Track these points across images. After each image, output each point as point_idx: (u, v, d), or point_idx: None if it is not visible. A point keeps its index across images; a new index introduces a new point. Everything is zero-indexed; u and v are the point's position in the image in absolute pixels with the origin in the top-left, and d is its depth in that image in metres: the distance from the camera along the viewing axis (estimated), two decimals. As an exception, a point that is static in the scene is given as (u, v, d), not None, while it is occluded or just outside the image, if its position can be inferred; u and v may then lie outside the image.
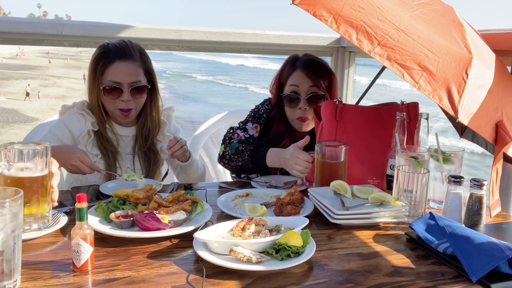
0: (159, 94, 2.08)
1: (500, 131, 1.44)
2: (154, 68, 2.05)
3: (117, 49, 1.91)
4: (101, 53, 1.92)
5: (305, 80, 2.05)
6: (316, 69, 2.09)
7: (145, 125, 2.05)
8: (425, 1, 1.55)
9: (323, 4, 1.39)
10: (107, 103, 1.95)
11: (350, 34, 1.36)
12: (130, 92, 1.91)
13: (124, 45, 1.94)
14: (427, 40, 1.38)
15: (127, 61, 1.91)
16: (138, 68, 1.93)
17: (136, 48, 1.97)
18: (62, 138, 1.92)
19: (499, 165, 1.45)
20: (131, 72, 1.91)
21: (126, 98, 1.90)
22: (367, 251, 1.28)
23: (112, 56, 1.90)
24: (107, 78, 1.90)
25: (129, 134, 2.05)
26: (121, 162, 2.01)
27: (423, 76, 1.32)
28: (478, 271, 1.11)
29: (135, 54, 1.93)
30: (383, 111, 1.89)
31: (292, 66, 2.11)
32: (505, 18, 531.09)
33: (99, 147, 1.96)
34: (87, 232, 1.11)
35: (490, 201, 1.44)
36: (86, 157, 1.72)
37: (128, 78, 1.90)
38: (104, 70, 1.90)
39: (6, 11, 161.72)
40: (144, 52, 2.00)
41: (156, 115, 2.07)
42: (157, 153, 2.09)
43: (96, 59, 1.92)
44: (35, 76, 32.38)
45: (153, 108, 2.05)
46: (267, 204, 1.58)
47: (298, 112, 2.08)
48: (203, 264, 1.14)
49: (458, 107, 1.31)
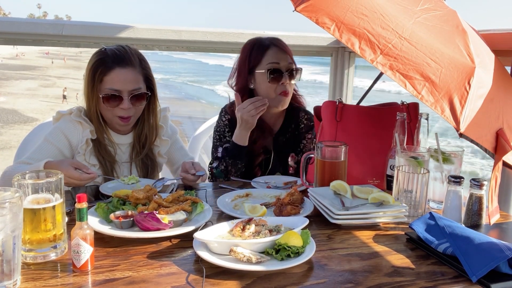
0: (157, 100, 2.03)
1: (500, 140, 1.44)
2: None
3: (116, 55, 1.85)
4: (99, 60, 1.85)
5: (284, 56, 2.08)
6: (287, 47, 2.13)
7: (143, 132, 2.00)
8: (428, 6, 1.53)
9: (325, 11, 1.38)
10: (106, 111, 1.89)
11: (352, 43, 1.35)
12: (130, 100, 1.85)
13: (123, 50, 1.88)
14: (430, 48, 1.37)
15: (126, 68, 1.85)
16: (138, 75, 1.88)
17: (135, 53, 1.91)
18: (59, 146, 1.86)
19: (498, 173, 1.44)
20: (131, 80, 1.85)
21: (126, 106, 1.85)
22: (367, 251, 1.28)
23: (111, 62, 1.83)
24: (106, 86, 1.83)
25: (126, 142, 2.01)
26: (118, 171, 1.97)
27: (426, 86, 1.31)
28: (478, 271, 1.11)
29: (134, 60, 1.88)
30: (383, 111, 1.89)
31: (261, 46, 2.10)
32: (505, 18, 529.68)
33: (97, 156, 1.91)
34: (87, 232, 1.11)
35: (489, 209, 1.44)
36: (74, 172, 1.63)
37: (128, 85, 1.84)
38: (102, 78, 1.83)
39: (6, 12, 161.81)
40: (143, 58, 1.94)
41: (154, 121, 2.02)
42: (154, 159, 2.05)
43: (94, 66, 1.85)
44: (35, 77, 32.37)
45: (151, 114, 2.00)
46: (267, 204, 1.58)
47: (281, 87, 2.07)
48: (203, 264, 1.14)
49: (460, 118, 1.30)
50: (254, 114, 1.95)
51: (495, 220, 1.49)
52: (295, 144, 2.23)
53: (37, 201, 1.16)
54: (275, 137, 2.20)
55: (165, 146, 2.07)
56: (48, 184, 1.17)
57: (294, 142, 2.22)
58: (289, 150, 2.21)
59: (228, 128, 2.17)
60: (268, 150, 2.20)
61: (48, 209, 1.16)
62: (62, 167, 1.63)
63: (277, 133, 2.21)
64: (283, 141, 2.20)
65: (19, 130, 15.49)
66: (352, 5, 1.40)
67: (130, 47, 1.95)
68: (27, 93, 24.39)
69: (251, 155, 2.12)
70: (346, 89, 2.95)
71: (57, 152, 1.86)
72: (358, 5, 1.40)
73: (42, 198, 1.16)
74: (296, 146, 2.22)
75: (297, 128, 2.23)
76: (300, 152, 2.21)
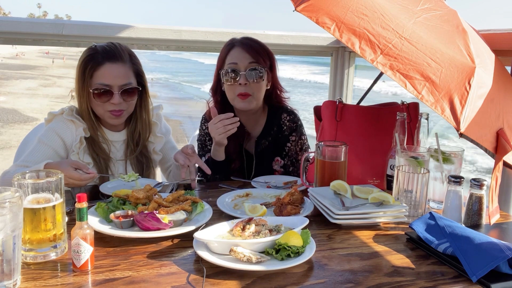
0: (149, 96, 2.02)
1: (501, 140, 1.44)
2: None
3: (106, 51, 1.85)
4: (89, 56, 1.84)
5: (244, 55, 1.98)
6: (254, 47, 2.02)
7: (136, 129, 1.99)
8: (429, 6, 1.53)
9: (326, 11, 1.38)
10: (97, 107, 1.87)
11: (353, 43, 1.35)
12: (121, 95, 1.84)
13: (113, 46, 1.88)
14: (430, 48, 1.37)
15: (117, 63, 1.84)
16: (128, 70, 1.87)
17: (125, 49, 1.91)
18: (54, 146, 1.85)
19: (498, 173, 1.44)
20: (121, 74, 1.84)
21: (117, 101, 1.83)
22: (367, 251, 1.28)
23: (101, 58, 1.83)
24: (97, 81, 1.83)
25: (120, 139, 2.00)
26: (113, 169, 1.96)
27: (426, 86, 1.31)
28: (478, 271, 1.11)
29: (124, 56, 1.87)
30: (383, 111, 1.89)
31: (228, 45, 2.04)
32: (504, 18, 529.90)
33: (91, 154, 1.90)
34: (87, 232, 1.11)
35: (489, 209, 1.44)
36: (74, 172, 1.63)
37: (118, 80, 1.84)
38: (93, 73, 1.82)
39: (6, 11, 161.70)
40: (133, 54, 1.94)
41: (147, 117, 2.01)
42: (149, 157, 2.04)
43: (84, 62, 1.84)
44: (35, 76, 32.36)
45: (143, 111, 2.00)
46: (267, 204, 1.58)
47: (238, 89, 1.98)
48: (203, 264, 1.14)
49: (460, 118, 1.30)
50: (221, 133, 1.87)
51: (495, 220, 1.49)
52: (279, 147, 2.15)
53: (37, 200, 1.16)
54: (257, 140, 2.13)
55: (159, 143, 2.07)
56: (48, 183, 1.17)
57: (278, 146, 2.14)
58: (273, 154, 2.14)
59: (209, 137, 2.09)
60: (250, 155, 2.13)
61: (48, 209, 1.16)
62: (62, 167, 1.62)
63: (259, 137, 2.13)
64: (266, 144, 2.12)
65: (19, 130, 15.46)
66: (352, 5, 1.40)
67: (121, 44, 1.94)
68: (27, 93, 24.37)
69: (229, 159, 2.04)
70: (346, 89, 2.95)
71: (52, 153, 1.84)
72: (359, 5, 1.40)
73: (42, 197, 1.17)
74: (281, 150, 2.15)
75: (279, 130, 2.14)
76: (286, 156, 2.14)
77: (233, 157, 2.07)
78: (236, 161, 2.09)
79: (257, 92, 2.02)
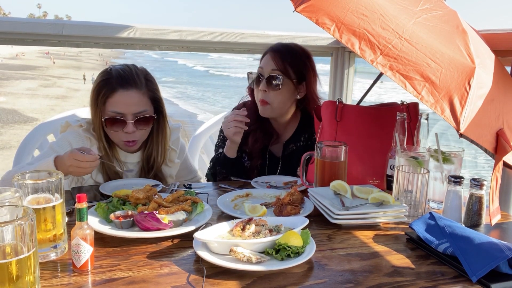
0: (167, 122, 1.95)
1: (501, 140, 1.44)
2: None
3: (120, 76, 1.78)
4: (103, 81, 1.79)
5: (270, 62, 1.99)
6: (284, 55, 2.00)
7: (151, 154, 1.93)
8: (429, 6, 1.53)
9: (325, 11, 1.38)
10: (111, 134, 1.83)
11: (352, 43, 1.35)
12: (134, 123, 1.78)
13: (128, 70, 1.81)
14: (430, 49, 1.37)
15: (130, 90, 1.77)
16: (143, 97, 1.80)
17: (141, 74, 1.84)
18: None
19: (498, 174, 1.44)
20: (135, 102, 1.78)
21: (130, 130, 1.78)
22: (367, 251, 1.28)
23: (115, 84, 1.77)
24: (109, 109, 1.77)
25: (134, 161, 1.95)
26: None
27: (426, 86, 1.31)
28: (478, 271, 1.11)
29: (139, 81, 1.80)
30: (383, 111, 1.89)
31: (266, 49, 2.06)
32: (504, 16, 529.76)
33: (103, 175, 1.87)
34: (87, 232, 1.11)
35: (490, 209, 1.44)
36: (79, 153, 1.58)
37: (132, 108, 1.77)
38: (106, 100, 1.77)
39: (6, 11, 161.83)
40: (150, 78, 1.87)
41: (163, 143, 1.94)
42: (163, 178, 1.98)
43: (98, 87, 1.79)
44: (35, 76, 32.39)
45: (160, 136, 1.92)
46: (267, 204, 1.58)
47: (260, 94, 2.00)
48: (203, 264, 1.14)
49: (460, 119, 1.29)
50: (231, 127, 1.87)
51: (496, 221, 1.49)
52: None
53: (37, 201, 1.16)
54: (285, 144, 2.12)
55: (175, 168, 2.04)
56: (48, 184, 1.17)
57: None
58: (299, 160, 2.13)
59: None
60: (275, 157, 2.13)
61: (48, 209, 1.16)
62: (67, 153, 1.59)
63: (287, 141, 2.12)
64: (294, 149, 2.11)
65: (19, 130, 15.48)
66: (352, 6, 1.40)
67: (138, 67, 1.88)
68: (27, 93, 24.39)
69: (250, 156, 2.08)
70: (346, 89, 2.95)
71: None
72: (358, 6, 1.40)
73: (42, 198, 1.17)
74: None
75: (310, 138, 2.12)
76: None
77: (254, 155, 2.08)
78: (255, 160, 2.09)
79: (275, 101, 1.99)
